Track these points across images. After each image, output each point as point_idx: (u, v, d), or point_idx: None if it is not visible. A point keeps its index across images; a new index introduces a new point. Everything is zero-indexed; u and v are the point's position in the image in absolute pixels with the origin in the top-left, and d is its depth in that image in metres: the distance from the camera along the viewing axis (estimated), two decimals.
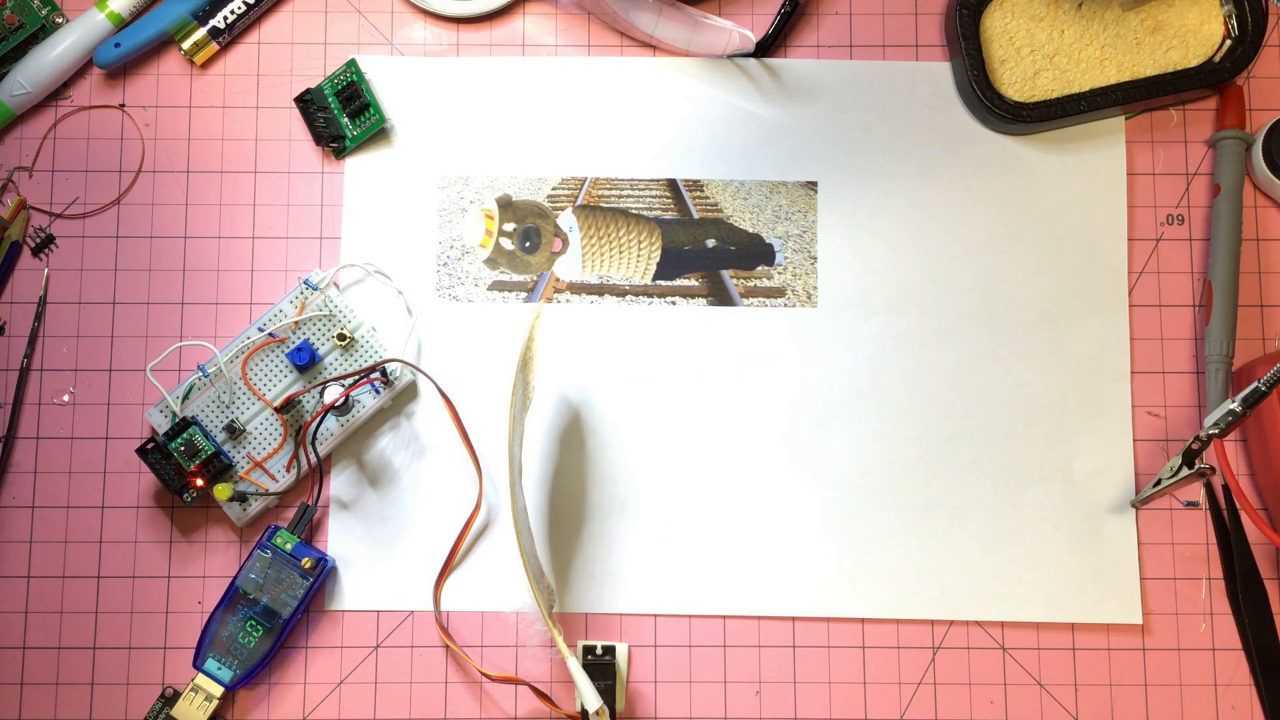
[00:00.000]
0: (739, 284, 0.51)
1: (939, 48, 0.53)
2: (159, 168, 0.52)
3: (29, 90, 0.51)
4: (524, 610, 0.49)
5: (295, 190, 0.52)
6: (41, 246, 0.51)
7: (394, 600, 0.49)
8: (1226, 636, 0.49)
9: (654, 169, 0.52)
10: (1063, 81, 0.52)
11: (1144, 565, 0.50)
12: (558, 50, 0.53)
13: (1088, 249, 0.52)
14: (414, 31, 0.53)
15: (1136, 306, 0.51)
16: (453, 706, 0.49)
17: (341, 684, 0.49)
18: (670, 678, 0.49)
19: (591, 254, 0.52)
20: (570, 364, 0.51)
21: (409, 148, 0.52)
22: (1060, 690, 0.49)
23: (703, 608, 0.49)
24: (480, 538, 0.50)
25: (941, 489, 0.50)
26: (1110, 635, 0.49)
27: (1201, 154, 0.53)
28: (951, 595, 0.49)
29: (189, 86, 0.53)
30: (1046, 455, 0.50)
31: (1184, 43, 0.52)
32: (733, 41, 0.51)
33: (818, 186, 0.52)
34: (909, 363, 0.51)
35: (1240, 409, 0.44)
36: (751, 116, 0.52)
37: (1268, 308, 0.51)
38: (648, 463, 0.50)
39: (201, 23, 0.52)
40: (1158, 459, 0.50)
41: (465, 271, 0.51)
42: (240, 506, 0.49)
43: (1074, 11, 0.52)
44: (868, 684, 0.49)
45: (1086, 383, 0.51)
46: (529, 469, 0.50)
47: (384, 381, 0.49)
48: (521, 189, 0.52)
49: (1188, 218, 0.52)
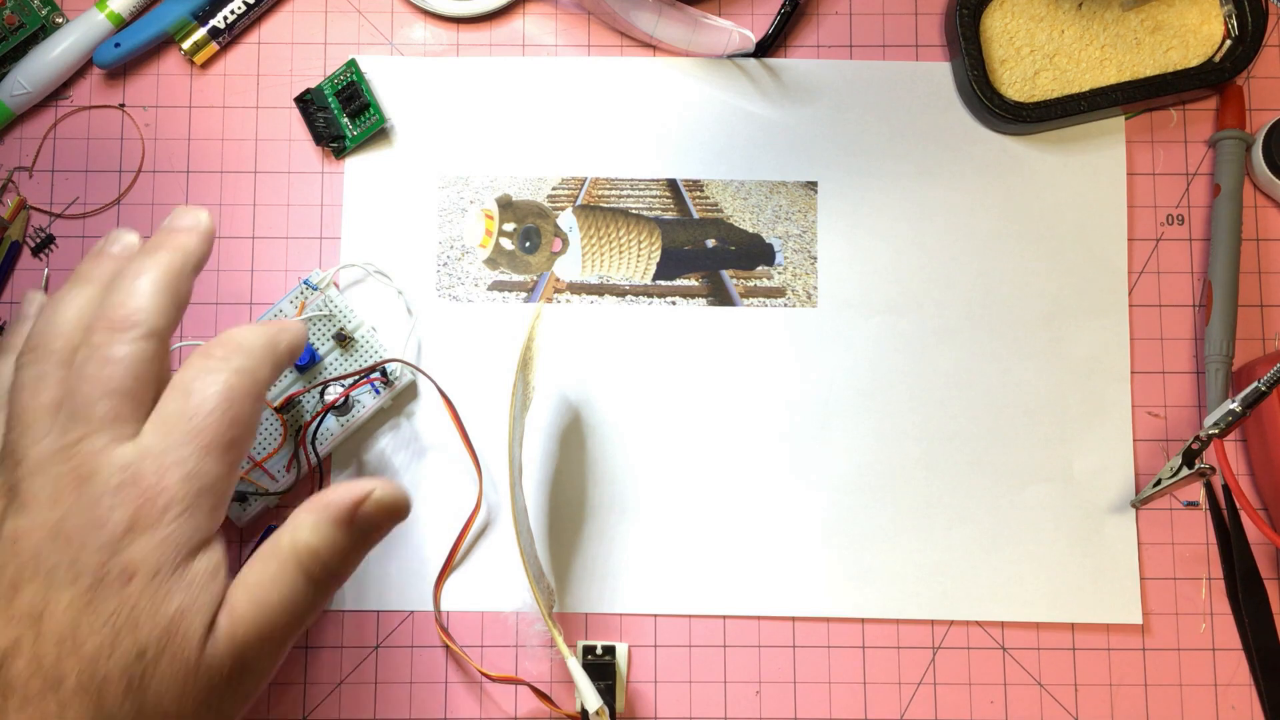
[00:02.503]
0: (739, 284, 0.51)
1: (939, 48, 0.53)
2: (159, 168, 0.52)
3: (29, 90, 0.51)
4: (524, 610, 0.49)
5: (295, 190, 0.52)
6: (41, 246, 0.52)
7: (394, 600, 0.49)
8: (1226, 636, 0.49)
9: (654, 169, 0.52)
10: (1063, 81, 0.52)
11: (1144, 565, 0.50)
12: (558, 50, 0.53)
13: (1088, 249, 0.52)
14: (414, 31, 0.53)
15: (1136, 306, 0.51)
16: (453, 706, 0.49)
17: (341, 684, 0.49)
18: (670, 678, 0.49)
19: (591, 254, 0.52)
20: (570, 364, 0.51)
21: (409, 148, 0.52)
22: (1060, 690, 0.49)
23: (703, 608, 0.49)
24: (480, 538, 0.50)
25: (941, 489, 0.50)
26: (1110, 635, 0.49)
27: (1201, 154, 0.53)
28: (951, 595, 0.49)
29: (189, 86, 0.53)
30: (1046, 455, 0.50)
31: (1184, 43, 0.52)
32: (733, 41, 0.51)
33: (818, 186, 0.52)
34: (909, 363, 0.51)
35: (1240, 409, 0.44)
36: (751, 116, 0.52)
37: (1268, 308, 0.51)
38: (648, 463, 0.50)
39: (201, 23, 0.52)
40: (1158, 459, 0.50)
41: (465, 271, 0.51)
42: (240, 506, 0.49)
43: (1074, 11, 0.52)
44: (868, 684, 0.49)
45: (1086, 383, 0.51)
46: (529, 469, 0.50)
47: (384, 381, 0.49)
48: (521, 189, 0.52)
49: (1188, 218, 0.52)
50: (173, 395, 0.36)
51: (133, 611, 0.33)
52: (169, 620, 0.33)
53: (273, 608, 0.35)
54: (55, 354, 0.36)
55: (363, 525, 0.37)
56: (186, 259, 0.38)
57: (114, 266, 0.38)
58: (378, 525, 0.37)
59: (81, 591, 0.33)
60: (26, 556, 0.34)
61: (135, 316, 0.36)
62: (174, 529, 0.34)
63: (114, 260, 0.39)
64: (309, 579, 0.36)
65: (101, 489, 0.34)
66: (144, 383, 0.36)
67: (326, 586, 0.36)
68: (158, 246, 0.38)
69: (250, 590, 0.35)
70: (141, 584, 0.33)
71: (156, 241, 0.38)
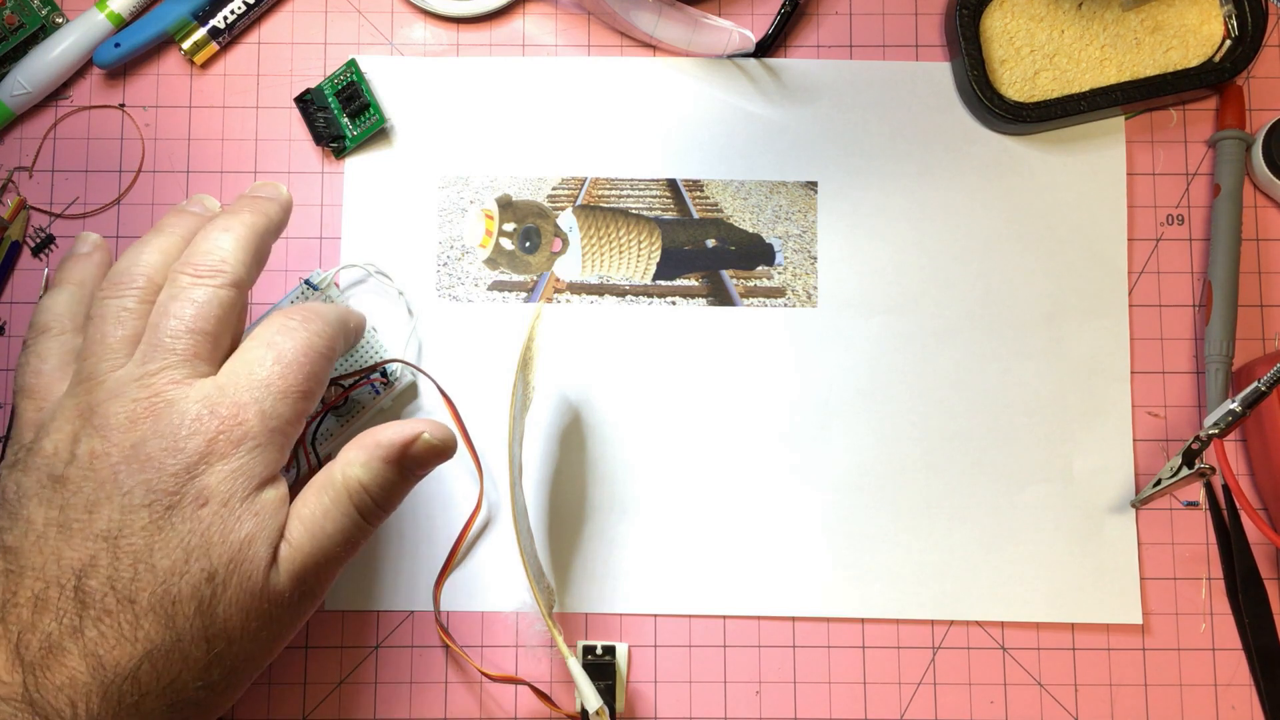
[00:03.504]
0: (739, 284, 0.51)
1: (939, 48, 0.53)
2: (159, 168, 0.52)
3: (29, 90, 0.51)
4: (524, 610, 0.49)
5: (295, 190, 0.52)
6: (41, 246, 0.52)
7: (394, 600, 0.49)
8: (1226, 636, 0.49)
9: (654, 169, 0.52)
10: (1063, 81, 0.52)
11: (1144, 565, 0.50)
12: (558, 50, 0.53)
13: (1088, 249, 0.52)
14: (414, 31, 0.53)
15: (1136, 306, 0.51)
16: (453, 706, 0.49)
17: (341, 684, 0.49)
18: (670, 678, 0.49)
19: (591, 254, 0.52)
20: (570, 364, 0.51)
21: (409, 148, 0.52)
22: (1060, 690, 0.49)
23: (703, 608, 0.49)
24: (480, 537, 0.50)
25: (941, 489, 0.50)
26: (1110, 635, 0.49)
27: (1201, 154, 0.53)
28: (951, 595, 0.49)
29: (189, 86, 0.53)
30: (1046, 455, 0.50)
31: (1184, 43, 0.52)
32: (733, 41, 0.51)
33: (818, 186, 0.52)
34: (909, 363, 0.51)
35: (1240, 409, 0.44)
36: (751, 116, 0.52)
37: (1268, 308, 0.51)
38: (647, 463, 0.50)
39: (201, 23, 0.52)
40: (1158, 459, 0.50)
41: (465, 271, 0.51)
42: None
43: (1074, 11, 0.52)
44: (868, 684, 0.49)
45: (1086, 383, 0.51)
46: (529, 469, 0.50)
47: (384, 382, 0.49)
48: (521, 189, 0.52)
49: (1188, 218, 0.52)
50: (254, 344, 0.39)
51: (205, 535, 0.36)
52: (239, 546, 0.36)
53: (328, 537, 0.38)
54: (139, 291, 0.39)
55: (411, 464, 0.40)
56: (269, 222, 0.41)
57: (194, 223, 0.41)
58: (424, 463, 0.40)
59: (159, 514, 0.36)
60: (104, 477, 0.36)
61: (221, 266, 0.39)
62: (247, 460, 0.37)
63: (194, 218, 0.42)
64: (360, 511, 0.39)
65: (180, 417, 0.36)
66: (224, 327, 0.39)
67: (375, 517, 0.40)
68: (242, 208, 0.41)
69: (306, 522, 0.38)
70: (214, 510, 0.36)
71: (240, 204, 0.41)
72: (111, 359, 0.38)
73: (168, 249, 0.40)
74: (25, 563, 0.36)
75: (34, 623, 0.35)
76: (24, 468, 0.37)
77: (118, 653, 0.35)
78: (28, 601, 0.35)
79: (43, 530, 0.36)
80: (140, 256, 0.40)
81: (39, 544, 0.36)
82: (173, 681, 0.35)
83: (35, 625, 0.35)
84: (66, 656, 0.34)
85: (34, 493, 0.37)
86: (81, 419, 0.37)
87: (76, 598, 0.35)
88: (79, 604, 0.35)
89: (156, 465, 0.36)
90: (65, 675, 0.34)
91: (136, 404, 0.37)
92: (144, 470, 0.36)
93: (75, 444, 0.37)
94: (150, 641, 0.35)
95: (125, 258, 0.40)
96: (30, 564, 0.36)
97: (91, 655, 0.34)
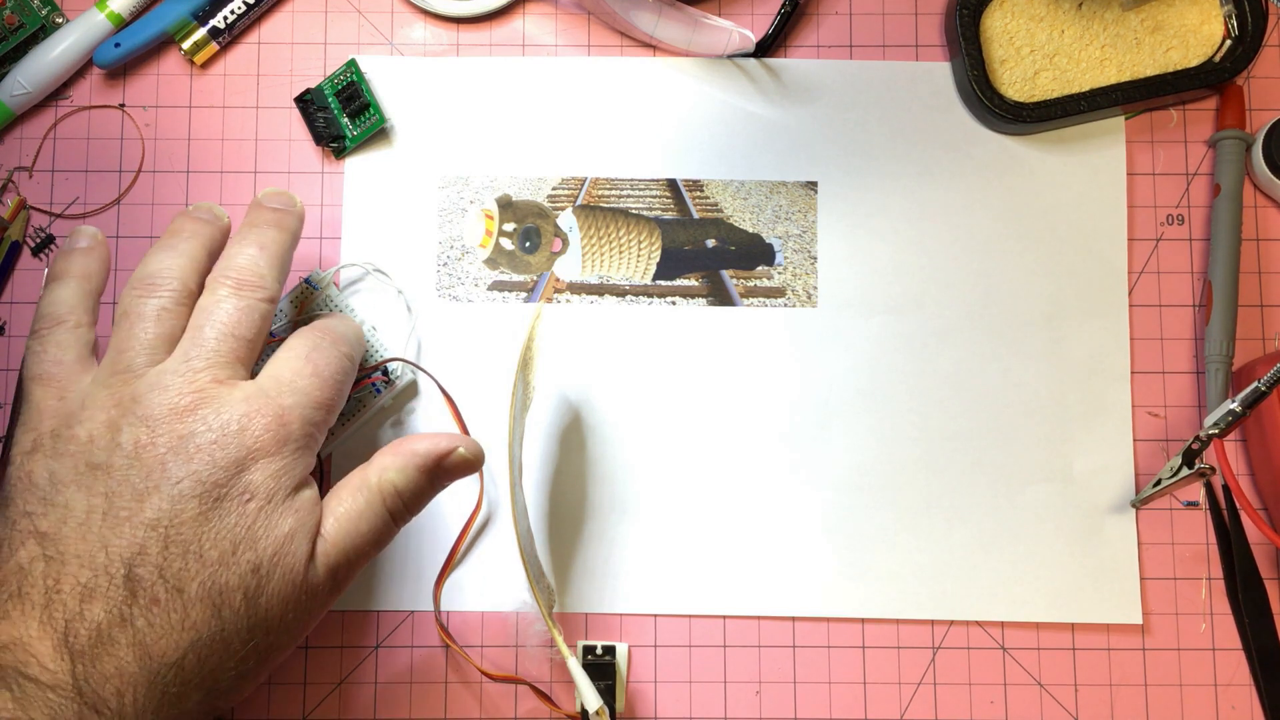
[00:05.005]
0: (739, 284, 0.51)
1: (939, 48, 0.53)
2: (159, 168, 0.52)
3: (29, 90, 0.51)
4: (524, 610, 0.49)
5: (295, 190, 0.52)
6: (41, 246, 0.52)
7: (394, 600, 0.49)
8: (1226, 636, 0.49)
9: (654, 169, 0.52)
10: (1063, 81, 0.52)
11: (1144, 565, 0.50)
12: (558, 50, 0.53)
13: (1088, 249, 0.52)
14: (414, 31, 0.53)
15: (1136, 306, 0.51)
16: (453, 706, 0.49)
17: (341, 684, 0.49)
18: (670, 678, 0.49)
19: (591, 254, 0.52)
20: (570, 364, 0.51)
21: (409, 148, 0.52)
22: (1060, 690, 0.49)
23: (703, 608, 0.49)
24: (480, 537, 0.50)
25: (941, 489, 0.50)
26: (1110, 635, 0.49)
27: (1201, 154, 0.53)
28: (951, 595, 0.49)
29: (189, 86, 0.53)
30: (1046, 455, 0.50)
31: (1184, 43, 0.52)
32: (733, 41, 0.51)
33: (818, 186, 0.52)
34: (909, 363, 0.51)
35: (1240, 409, 0.44)
36: (751, 116, 0.52)
37: (1268, 308, 0.51)
38: (647, 463, 0.50)
39: (201, 23, 0.52)
40: (1158, 459, 0.50)
41: (465, 271, 0.51)
42: None
43: (1074, 11, 0.52)
44: (868, 684, 0.49)
45: (1086, 383, 0.51)
46: (529, 469, 0.50)
47: (385, 381, 0.49)
48: (521, 189, 0.52)
49: (1188, 218, 0.52)
50: (292, 357, 0.41)
51: (251, 528, 0.37)
52: (282, 540, 0.38)
53: (361, 535, 0.40)
54: (174, 294, 0.41)
55: (442, 474, 0.42)
56: (293, 238, 0.44)
57: (209, 230, 0.43)
58: (454, 475, 0.43)
59: (208, 505, 0.37)
60: (152, 466, 0.37)
61: (260, 281, 0.41)
62: (290, 460, 0.39)
63: (207, 225, 0.43)
64: (391, 513, 0.41)
65: (230, 413, 0.38)
66: (259, 337, 0.41)
67: (402, 519, 0.42)
68: (266, 222, 0.43)
69: (341, 520, 0.40)
70: (258, 505, 0.38)
71: (263, 217, 0.43)
72: (149, 354, 0.39)
73: (194, 255, 0.42)
74: (67, 549, 0.36)
75: (82, 611, 0.35)
76: (54, 454, 0.38)
77: (165, 643, 0.35)
78: (73, 590, 0.35)
79: (84, 518, 0.36)
80: (171, 260, 0.41)
81: (82, 531, 0.36)
82: (212, 671, 0.36)
83: (84, 614, 0.35)
84: (115, 647, 0.35)
85: (71, 479, 0.37)
86: (119, 409, 0.38)
87: (126, 586, 0.36)
88: (129, 593, 0.36)
89: (206, 457, 0.37)
90: (114, 665, 0.35)
91: (181, 397, 0.38)
92: (192, 462, 0.37)
93: (116, 432, 0.37)
94: (197, 631, 0.36)
95: (154, 260, 0.41)
96: (73, 551, 0.36)
97: (139, 645, 0.35)
